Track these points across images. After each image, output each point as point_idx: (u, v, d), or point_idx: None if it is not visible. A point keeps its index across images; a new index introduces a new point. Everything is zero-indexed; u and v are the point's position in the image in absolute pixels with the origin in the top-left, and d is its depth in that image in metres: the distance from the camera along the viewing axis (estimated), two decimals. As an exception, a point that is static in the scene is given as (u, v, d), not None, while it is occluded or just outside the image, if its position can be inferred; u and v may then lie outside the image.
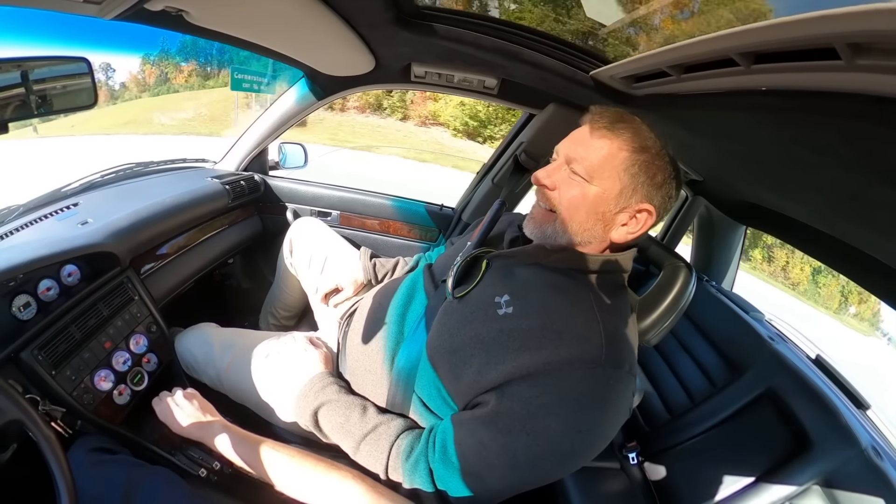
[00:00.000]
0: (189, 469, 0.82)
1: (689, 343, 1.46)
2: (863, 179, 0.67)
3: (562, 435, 0.58)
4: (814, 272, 20.21)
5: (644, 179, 0.66)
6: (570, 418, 0.58)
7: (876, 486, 0.90)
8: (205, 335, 1.08)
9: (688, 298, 0.88)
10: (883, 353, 17.39)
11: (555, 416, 0.58)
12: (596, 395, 0.59)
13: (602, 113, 0.70)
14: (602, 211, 0.68)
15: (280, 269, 1.41)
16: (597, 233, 0.69)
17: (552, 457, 0.60)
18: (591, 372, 0.59)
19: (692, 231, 1.79)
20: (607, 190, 0.67)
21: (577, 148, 0.69)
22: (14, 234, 0.89)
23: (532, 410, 0.59)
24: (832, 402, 1.03)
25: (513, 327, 0.65)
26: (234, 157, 1.64)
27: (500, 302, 0.68)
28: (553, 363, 0.59)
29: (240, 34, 0.99)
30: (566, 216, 0.69)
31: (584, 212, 0.68)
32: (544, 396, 0.59)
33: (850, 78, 0.46)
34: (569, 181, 0.69)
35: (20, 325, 0.76)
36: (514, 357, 0.62)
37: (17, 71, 0.67)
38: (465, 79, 1.29)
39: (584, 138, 0.69)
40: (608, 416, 0.61)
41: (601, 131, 0.68)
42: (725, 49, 0.56)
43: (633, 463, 1.31)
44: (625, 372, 0.61)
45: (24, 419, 0.51)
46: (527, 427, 0.58)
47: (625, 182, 0.66)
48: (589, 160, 0.67)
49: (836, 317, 19.87)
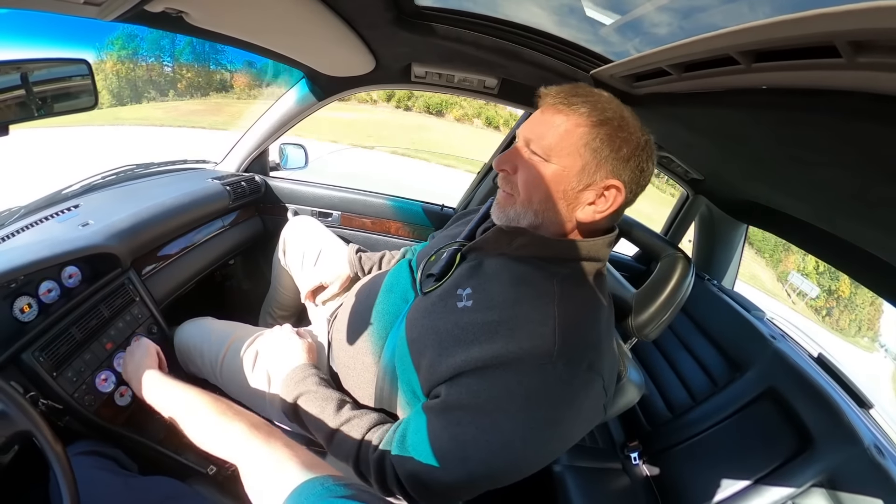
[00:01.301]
0: (197, 467, 0.82)
1: (690, 342, 1.46)
2: (863, 177, 0.67)
3: (511, 432, 0.57)
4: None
5: (608, 153, 0.63)
6: (520, 415, 0.57)
7: (879, 485, 0.90)
8: (202, 327, 1.08)
9: (686, 290, 0.86)
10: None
11: (503, 411, 0.57)
12: (548, 393, 0.57)
13: (557, 90, 0.68)
14: (563, 189, 0.65)
15: (275, 268, 1.41)
16: (561, 212, 0.66)
17: (503, 453, 0.58)
18: (541, 368, 0.57)
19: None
20: (567, 167, 0.64)
21: (533, 128, 0.67)
22: (15, 236, 0.89)
23: (480, 403, 0.58)
24: (834, 401, 1.03)
25: (468, 321, 0.64)
26: (234, 157, 1.64)
27: (462, 294, 0.68)
28: (502, 357, 0.58)
29: (240, 35, 0.99)
30: (526, 196, 0.67)
31: (543, 191, 0.66)
32: (492, 390, 0.58)
33: (850, 76, 0.46)
34: (528, 162, 0.67)
35: (21, 326, 0.76)
36: (466, 350, 0.61)
37: (16, 73, 0.67)
38: (466, 79, 1.29)
39: (540, 117, 0.68)
40: (564, 416, 0.59)
41: (556, 107, 0.66)
42: (725, 48, 0.56)
43: (634, 463, 1.31)
44: (582, 370, 0.58)
45: (35, 431, 0.51)
46: (476, 421, 0.57)
47: (586, 158, 0.63)
48: (546, 138, 0.65)
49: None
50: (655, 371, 1.51)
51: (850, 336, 24.35)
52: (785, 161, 0.83)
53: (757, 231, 1.61)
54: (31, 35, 19.67)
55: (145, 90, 25.44)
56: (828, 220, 0.99)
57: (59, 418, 0.79)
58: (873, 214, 0.77)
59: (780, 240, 1.75)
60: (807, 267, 25.30)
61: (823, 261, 1.21)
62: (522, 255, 0.69)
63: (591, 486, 1.21)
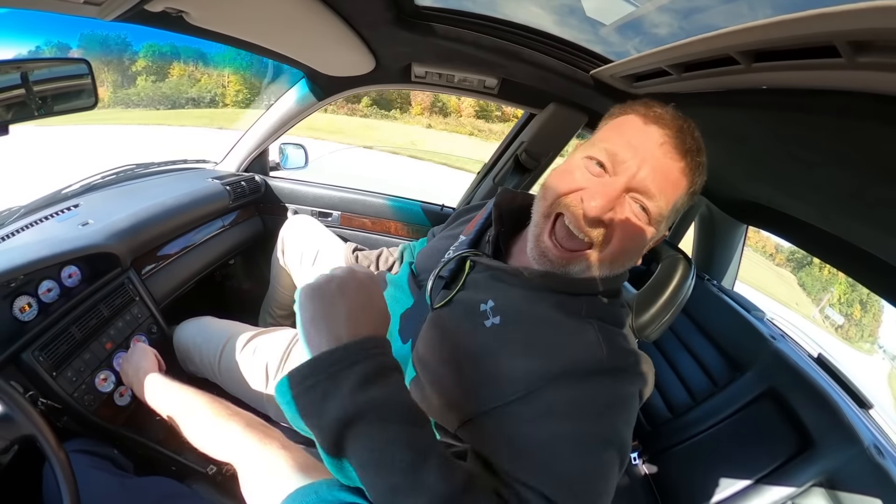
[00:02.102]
0: (196, 467, 0.82)
1: (690, 342, 1.46)
2: (863, 177, 0.67)
3: (597, 445, 0.51)
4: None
5: (680, 207, 0.60)
6: (585, 425, 0.51)
7: (878, 485, 0.90)
8: (201, 326, 1.08)
9: (687, 292, 0.87)
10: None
11: (568, 425, 0.50)
12: (607, 399, 0.53)
13: (692, 136, 0.57)
14: (649, 247, 0.61)
15: (274, 268, 1.41)
16: (633, 262, 0.62)
17: (575, 464, 0.50)
18: (597, 375, 0.53)
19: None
20: (662, 232, 0.60)
21: (655, 177, 0.54)
22: (15, 236, 0.89)
23: (544, 425, 0.50)
24: (834, 401, 1.03)
25: (502, 340, 0.58)
26: (234, 157, 1.64)
27: (486, 310, 0.60)
28: (552, 371, 0.52)
29: (240, 35, 0.99)
30: (612, 255, 0.57)
31: (634, 251, 0.59)
32: (556, 406, 0.51)
33: (850, 76, 0.46)
34: (630, 217, 0.55)
35: (21, 326, 0.76)
36: (506, 372, 0.54)
37: (16, 72, 0.67)
38: (466, 79, 1.29)
39: (666, 167, 0.55)
40: (623, 420, 0.54)
41: (685, 164, 0.55)
42: (725, 48, 0.56)
43: (634, 463, 1.31)
44: (630, 373, 0.56)
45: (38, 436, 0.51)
46: (539, 443, 0.49)
47: (671, 219, 0.60)
48: (666, 201, 0.55)
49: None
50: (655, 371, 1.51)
51: (854, 343, 35.85)
52: (785, 161, 0.83)
53: (807, 274, 1.61)
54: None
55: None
56: (828, 220, 0.99)
57: (58, 418, 0.79)
58: (873, 214, 0.77)
59: (822, 280, 1.79)
60: (832, 299, 37.92)
61: (822, 260, 1.20)
62: (555, 289, 0.61)
63: (591, 486, 1.21)
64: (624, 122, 0.60)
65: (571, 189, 0.57)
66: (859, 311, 36.81)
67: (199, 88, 28.02)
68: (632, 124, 0.58)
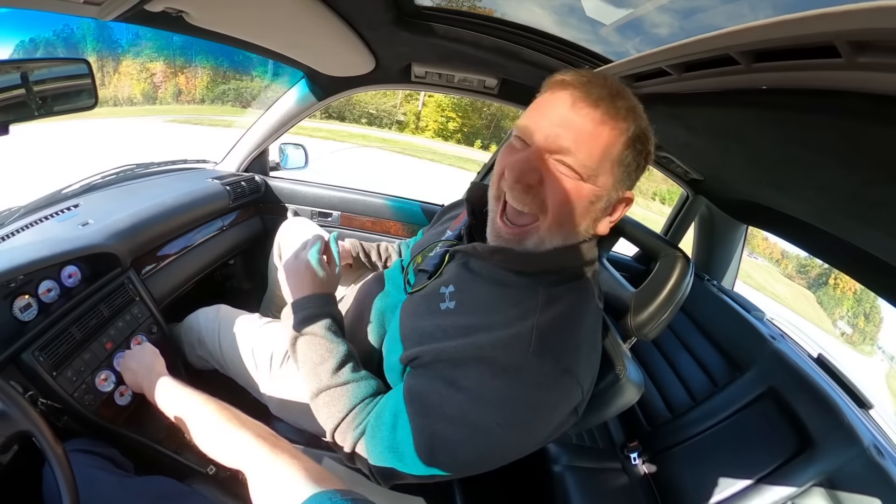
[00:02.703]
0: (197, 467, 0.82)
1: (690, 342, 1.46)
2: (863, 178, 0.67)
3: (479, 425, 0.55)
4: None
5: (634, 169, 0.60)
6: (489, 409, 0.55)
7: (878, 485, 0.90)
8: (217, 313, 1.09)
9: (685, 290, 0.86)
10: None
11: (472, 402, 0.55)
12: (520, 393, 0.55)
13: (600, 85, 0.57)
14: (596, 208, 0.60)
15: (271, 274, 1.39)
16: (586, 230, 0.62)
17: (470, 446, 0.56)
18: (515, 365, 0.56)
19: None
20: (602, 187, 0.58)
21: (562, 133, 0.56)
22: (15, 236, 0.89)
23: (451, 393, 0.56)
24: (834, 401, 1.03)
25: (449, 324, 0.62)
26: (234, 157, 1.64)
27: (445, 294, 0.66)
28: (478, 350, 0.57)
29: (240, 35, 0.99)
30: (556, 219, 0.59)
31: (578, 213, 0.59)
32: (465, 380, 0.56)
33: (850, 76, 0.46)
34: (559, 177, 0.57)
35: (21, 326, 0.76)
36: (444, 344, 0.60)
37: (16, 72, 0.67)
38: (466, 79, 1.29)
39: (571, 118, 0.56)
40: (534, 416, 0.57)
41: (600, 112, 0.55)
42: (725, 48, 0.56)
43: (634, 463, 1.31)
44: (558, 371, 0.56)
45: (35, 432, 0.51)
46: (444, 411, 0.56)
47: (618, 175, 0.58)
48: (585, 154, 0.55)
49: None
50: (655, 371, 1.51)
51: (857, 346, 42.86)
52: (785, 161, 0.83)
53: (824, 294, 1.63)
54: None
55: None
56: (828, 220, 1.00)
57: (58, 418, 0.79)
58: (873, 214, 0.77)
59: (835, 298, 1.90)
60: (841, 313, 47.09)
61: (822, 260, 1.21)
62: (514, 270, 0.65)
63: (591, 486, 1.21)
64: (538, 100, 0.63)
65: (503, 169, 0.61)
66: (863, 322, 46.79)
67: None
68: (542, 98, 0.62)
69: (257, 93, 28.09)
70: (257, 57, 1.86)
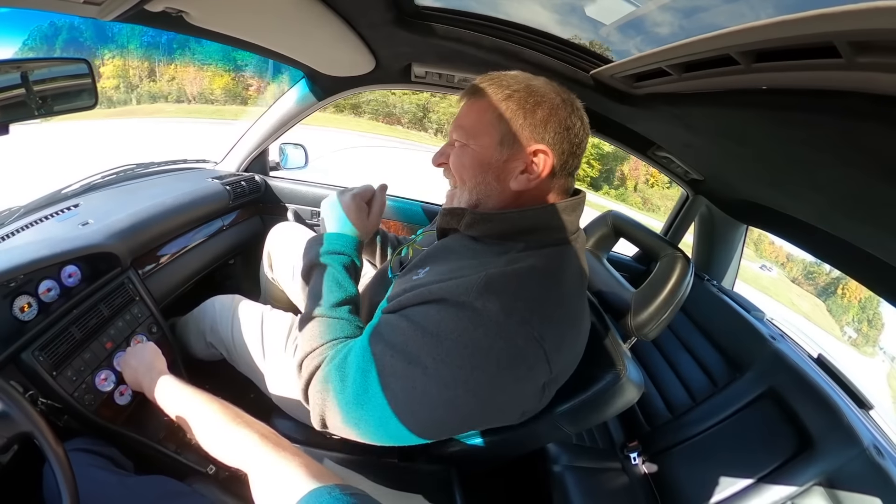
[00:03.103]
0: (197, 466, 0.82)
1: (690, 342, 1.46)
2: (863, 178, 0.67)
3: (418, 359, 0.56)
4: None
5: (522, 121, 0.65)
6: (427, 340, 0.56)
7: (878, 486, 0.90)
8: (230, 302, 1.11)
9: (685, 290, 0.86)
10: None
11: (415, 332, 0.58)
12: (458, 327, 0.56)
13: (469, 86, 0.72)
14: (488, 163, 0.68)
15: (264, 285, 1.35)
16: (493, 186, 0.69)
17: (418, 386, 0.56)
18: (457, 302, 0.57)
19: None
20: (485, 145, 0.67)
21: (454, 122, 0.72)
22: (15, 236, 0.89)
23: (399, 321, 0.60)
24: (834, 402, 1.03)
25: (415, 284, 0.66)
26: (234, 157, 1.64)
27: (420, 272, 0.70)
28: (430, 293, 0.60)
29: (240, 35, 0.99)
30: (460, 180, 0.72)
31: (471, 170, 0.69)
32: (412, 313, 0.60)
33: (850, 76, 0.46)
34: (455, 151, 0.72)
35: (21, 325, 0.76)
36: (405, 296, 0.64)
37: (16, 72, 0.67)
38: (466, 79, 1.29)
39: (459, 111, 0.73)
40: (475, 361, 0.55)
41: (466, 97, 0.71)
42: (726, 48, 0.56)
43: (634, 463, 1.31)
44: (511, 322, 0.56)
45: (36, 433, 0.51)
46: (392, 340, 0.59)
47: (502, 131, 0.66)
48: (462, 126, 0.70)
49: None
50: (655, 371, 1.51)
51: (860, 348, 50.96)
52: (785, 161, 0.83)
53: (833, 302, 1.64)
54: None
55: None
56: (828, 220, 1.00)
57: (59, 418, 0.79)
58: (873, 214, 0.77)
59: (842, 307, 1.97)
60: (848, 320, 55.76)
61: (823, 260, 1.21)
62: (477, 235, 0.70)
63: (591, 486, 1.21)
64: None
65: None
66: (867, 327, 56.50)
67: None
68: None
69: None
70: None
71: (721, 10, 0.79)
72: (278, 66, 12.80)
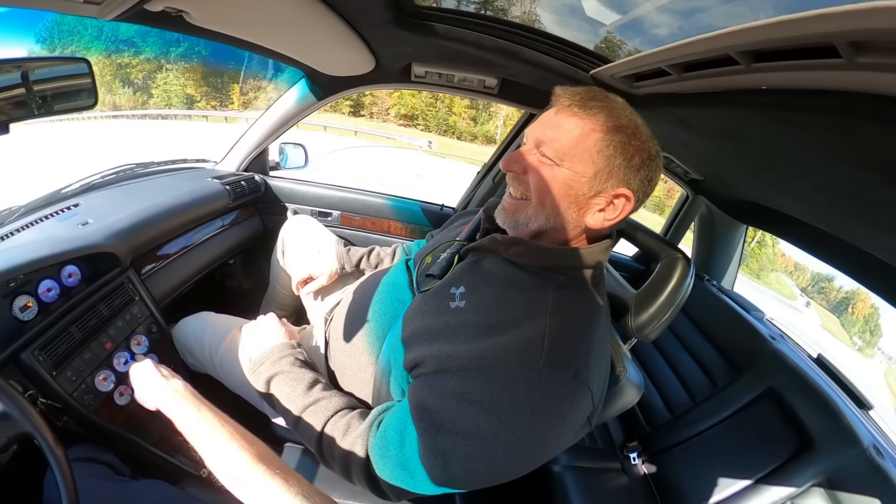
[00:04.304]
0: (190, 469, 0.82)
1: (689, 342, 1.46)
2: (863, 178, 0.67)
3: (493, 437, 0.54)
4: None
5: (620, 162, 0.63)
6: (503, 421, 0.54)
7: (878, 486, 0.90)
8: (202, 322, 1.09)
9: (686, 291, 0.86)
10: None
11: (485, 415, 0.55)
12: (531, 400, 0.55)
13: (573, 91, 0.67)
14: (575, 194, 0.64)
15: (273, 268, 1.40)
16: (571, 217, 0.66)
17: (484, 459, 0.55)
18: (527, 374, 0.56)
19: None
20: (580, 173, 0.63)
21: (545, 130, 0.66)
22: (15, 235, 0.89)
23: (462, 408, 0.56)
24: (834, 402, 1.03)
25: (459, 322, 0.63)
26: (234, 157, 1.64)
27: (455, 294, 0.67)
28: (487, 359, 0.57)
29: (240, 35, 0.99)
30: (538, 200, 0.66)
31: (555, 195, 0.65)
32: (475, 393, 0.56)
33: (850, 76, 0.46)
34: (539, 165, 0.66)
35: (21, 325, 0.76)
36: (451, 347, 0.60)
37: (17, 71, 0.67)
38: (466, 78, 1.29)
39: (553, 119, 0.66)
40: (548, 425, 0.56)
41: (571, 110, 0.64)
42: (725, 48, 0.56)
43: (633, 463, 1.31)
44: (568, 378, 0.57)
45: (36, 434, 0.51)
46: (456, 426, 0.55)
47: (599, 165, 0.63)
48: (558, 142, 0.64)
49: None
50: (655, 371, 1.51)
51: (863, 350, 60.60)
52: (785, 161, 0.83)
53: (845, 319, 1.64)
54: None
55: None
56: (828, 220, 1.00)
57: (58, 418, 0.79)
58: (873, 214, 0.77)
59: (851, 321, 2.12)
60: (855, 331, 67.85)
61: (822, 260, 1.21)
62: (521, 263, 0.68)
63: (591, 486, 1.21)
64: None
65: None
66: (869, 336, 69.66)
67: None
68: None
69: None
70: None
71: (720, 10, 0.79)
72: (278, 67, 12.74)
